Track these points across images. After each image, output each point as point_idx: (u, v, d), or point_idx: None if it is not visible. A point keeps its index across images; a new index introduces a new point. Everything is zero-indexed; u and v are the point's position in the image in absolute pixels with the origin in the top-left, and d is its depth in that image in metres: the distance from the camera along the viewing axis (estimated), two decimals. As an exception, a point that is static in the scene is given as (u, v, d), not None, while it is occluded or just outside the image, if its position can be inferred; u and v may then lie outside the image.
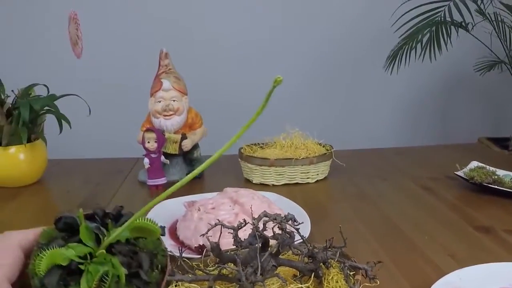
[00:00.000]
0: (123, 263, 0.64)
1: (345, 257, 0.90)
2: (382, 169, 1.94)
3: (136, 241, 0.68)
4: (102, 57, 3.22)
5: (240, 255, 0.84)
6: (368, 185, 1.75)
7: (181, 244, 1.21)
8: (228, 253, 0.88)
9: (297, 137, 1.88)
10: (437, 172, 1.85)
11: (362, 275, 0.87)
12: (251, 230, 0.85)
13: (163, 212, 1.37)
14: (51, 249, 0.64)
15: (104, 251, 0.65)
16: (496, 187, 1.58)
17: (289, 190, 1.69)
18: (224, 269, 0.85)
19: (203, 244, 1.13)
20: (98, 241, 0.67)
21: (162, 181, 1.72)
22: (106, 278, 0.61)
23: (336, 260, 0.86)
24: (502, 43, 3.04)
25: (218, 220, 0.86)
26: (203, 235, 0.86)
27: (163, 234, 0.68)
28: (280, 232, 0.85)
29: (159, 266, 0.67)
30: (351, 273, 0.88)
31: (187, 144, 1.77)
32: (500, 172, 1.67)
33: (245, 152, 1.82)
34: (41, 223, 1.43)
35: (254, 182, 1.76)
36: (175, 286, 0.85)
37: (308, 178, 1.76)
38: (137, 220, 0.66)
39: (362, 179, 1.81)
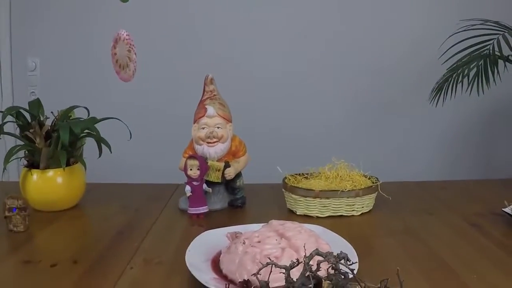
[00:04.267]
0: None
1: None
2: (428, 203, 1.89)
3: None
4: (145, 81, 3.19)
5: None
6: (414, 219, 1.69)
7: (224, 278, 1.17)
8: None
9: (343, 168, 1.83)
10: (484, 207, 1.79)
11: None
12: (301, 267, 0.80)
13: (205, 242, 1.34)
14: None
15: None
16: (545, 226, 1.51)
17: (333, 222, 1.64)
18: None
19: (248, 280, 1.09)
20: None
21: (203, 209, 1.69)
22: None
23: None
24: (551, 79, 2.97)
25: (269, 259, 0.81)
26: (254, 274, 0.81)
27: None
28: (333, 271, 0.80)
29: None
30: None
31: (230, 173, 1.74)
32: (550, 210, 1.60)
33: (290, 182, 1.78)
34: (77, 249, 1.42)
35: (298, 213, 1.72)
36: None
37: (353, 210, 1.72)
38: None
39: (408, 213, 1.75)
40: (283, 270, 0.80)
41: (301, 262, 0.79)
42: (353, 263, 0.82)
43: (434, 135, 3.47)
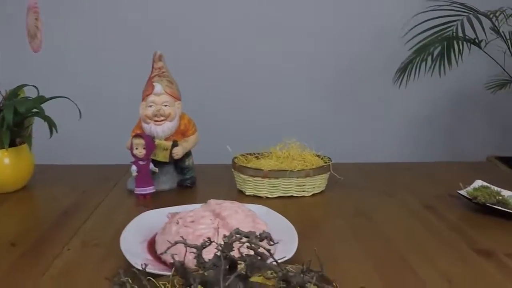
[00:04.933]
0: None
1: (325, 282, 0.81)
2: (383, 184, 1.85)
3: None
4: (94, 59, 3.15)
5: (207, 276, 0.75)
6: (366, 201, 1.66)
7: (158, 260, 1.12)
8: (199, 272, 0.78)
9: (294, 148, 1.79)
10: (441, 190, 1.76)
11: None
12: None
13: (145, 223, 1.30)
14: None
15: None
16: (500, 208, 1.49)
17: (283, 203, 1.60)
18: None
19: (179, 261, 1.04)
20: None
21: (150, 190, 1.64)
22: None
23: (313, 284, 0.77)
24: (515, 63, 2.96)
25: (181, 237, 0.77)
26: (162, 253, 0.77)
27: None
28: (251, 252, 0.75)
29: None
30: (331, 300, 0.78)
31: (178, 152, 1.69)
32: (506, 193, 1.57)
33: (239, 162, 1.74)
34: (18, 231, 1.38)
35: (247, 193, 1.68)
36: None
37: (303, 191, 1.67)
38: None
39: (361, 194, 1.72)
40: (198, 256, 0.76)
41: (213, 242, 0.75)
42: (275, 243, 0.77)
43: (401, 119, 3.45)
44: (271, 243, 0.77)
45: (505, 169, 2.88)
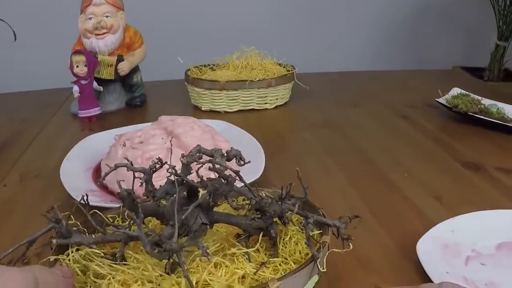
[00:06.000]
0: None
1: (309, 209, 0.66)
2: (353, 94, 1.77)
3: None
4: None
5: (161, 207, 0.61)
6: (336, 112, 1.57)
7: (105, 189, 0.97)
8: (156, 202, 0.63)
9: (253, 57, 1.68)
10: (414, 99, 1.68)
11: (333, 233, 0.63)
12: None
13: (90, 148, 1.17)
14: None
15: None
16: (483, 117, 1.39)
17: (243, 117, 1.51)
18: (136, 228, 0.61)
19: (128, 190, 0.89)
20: None
21: (95, 111, 1.51)
22: None
23: (295, 213, 0.62)
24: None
25: (125, 162, 0.61)
26: (99, 180, 0.62)
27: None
28: (214, 175, 0.61)
29: None
30: (317, 232, 0.64)
31: (124, 67, 1.56)
32: (486, 101, 1.48)
33: (192, 74, 1.63)
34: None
35: (203, 109, 1.57)
36: (72, 252, 0.61)
37: (265, 103, 1.58)
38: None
39: (329, 105, 1.63)
40: (146, 181, 0.61)
41: (166, 163, 0.59)
42: (246, 162, 0.63)
43: (363, 26, 3.30)
44: (241, 162, 0.62)
45: (475, 79, 2.78)
